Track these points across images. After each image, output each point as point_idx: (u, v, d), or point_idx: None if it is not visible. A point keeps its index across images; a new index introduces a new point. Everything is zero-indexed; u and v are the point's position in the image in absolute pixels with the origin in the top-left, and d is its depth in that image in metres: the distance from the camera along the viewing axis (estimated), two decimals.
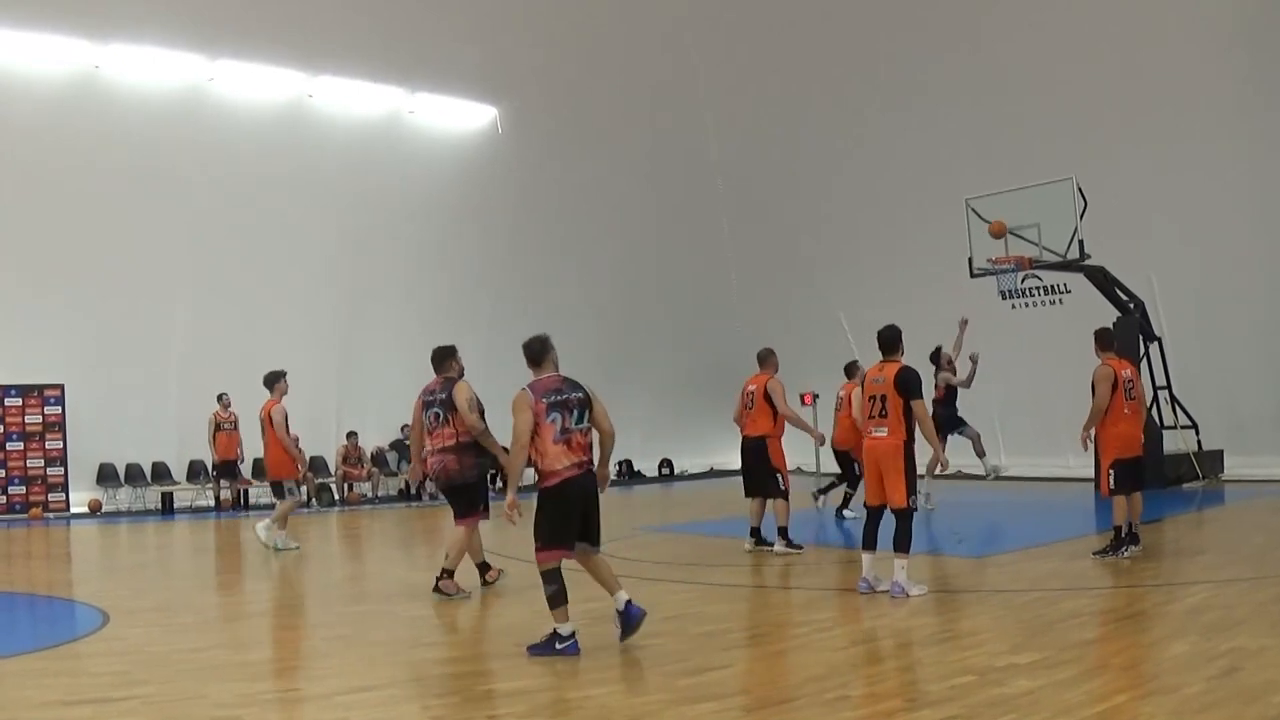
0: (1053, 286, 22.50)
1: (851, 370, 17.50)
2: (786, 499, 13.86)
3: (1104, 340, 12.70)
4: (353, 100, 26.10)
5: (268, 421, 16.17)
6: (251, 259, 24.48)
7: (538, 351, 8.91)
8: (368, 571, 15.16)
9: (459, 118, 27.92)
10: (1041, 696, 6.71)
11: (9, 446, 22.33)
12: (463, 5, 25.19)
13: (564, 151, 27.89)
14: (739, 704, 6.83)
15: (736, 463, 14.77)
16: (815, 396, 28.26)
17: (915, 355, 18.93)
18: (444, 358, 11.91)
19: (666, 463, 31.61)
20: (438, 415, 11.57)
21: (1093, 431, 12.35)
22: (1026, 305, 22.08)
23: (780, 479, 13.81)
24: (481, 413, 11.67)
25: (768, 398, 13.89)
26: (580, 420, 8.62)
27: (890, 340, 10.97)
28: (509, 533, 15.06)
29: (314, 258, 25.41)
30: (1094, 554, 12.23)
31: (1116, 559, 11.93)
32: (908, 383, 10.58)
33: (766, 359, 14.38)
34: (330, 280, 25.77)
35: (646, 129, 28.31)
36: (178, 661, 8.29)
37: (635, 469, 30.99)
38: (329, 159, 25.32)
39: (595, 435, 8.82)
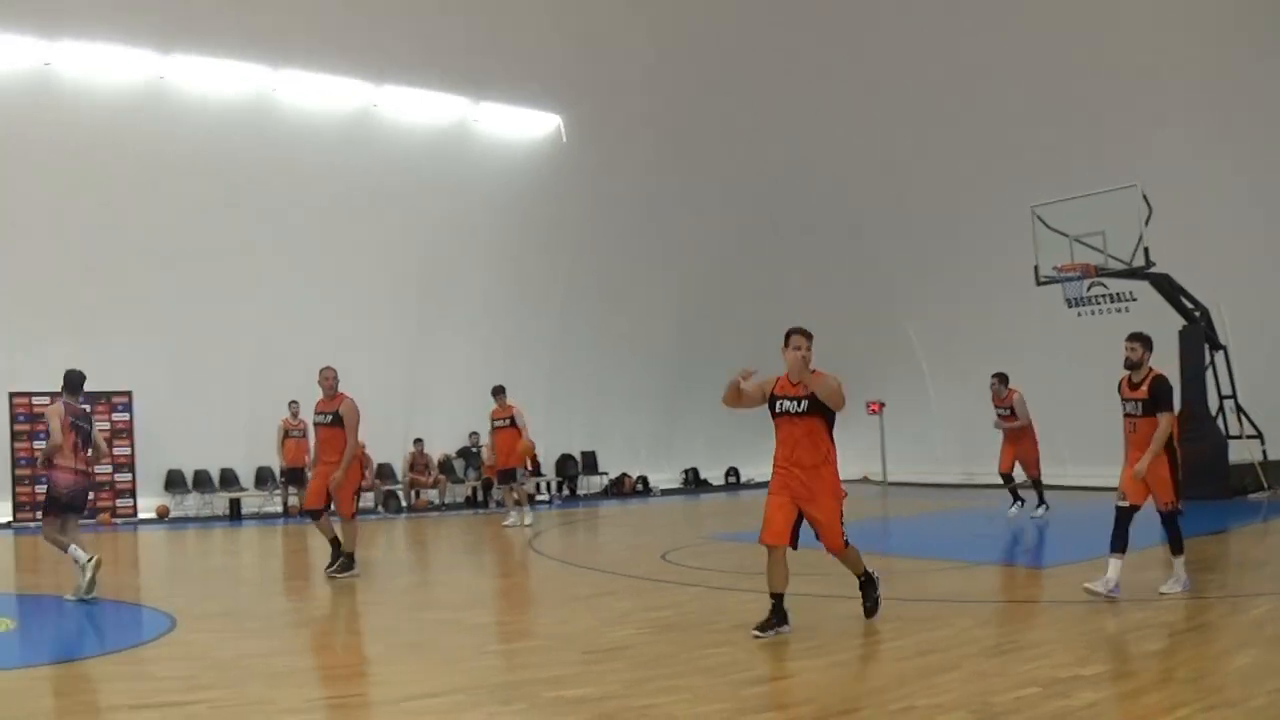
0: (1118, 294, 22.37)
1: None
2: None
3: None
4: (417, 110, 26.27)
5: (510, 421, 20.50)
6: (319, 267, 24.81)
7: None
8: (434, 578, 15.24)
9: (523, 126, 28.00)
10: (1106, 708, 6.69)
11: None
12: (525, 15, 25.28)
13: (627, 160, 27.91)
14: (804, 713, 6.83)
15: None
16: (882, 405, 28.24)
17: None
18: None
19: (733, 470, 31.59)
20: None
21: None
22: (1093, 313, 21.97)
23: None
24: None
25: None
26: None
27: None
28: (574, 539, 15.04)
29: (380, 266, 25.67)
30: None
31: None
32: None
33: None
34: (397, 288, 26.04)
35: (709, 136, 28.21)
36: (244, 666, 8.38)
37: (701, 477, 31.02)
38: (394, 168, 25.53)
39: None
